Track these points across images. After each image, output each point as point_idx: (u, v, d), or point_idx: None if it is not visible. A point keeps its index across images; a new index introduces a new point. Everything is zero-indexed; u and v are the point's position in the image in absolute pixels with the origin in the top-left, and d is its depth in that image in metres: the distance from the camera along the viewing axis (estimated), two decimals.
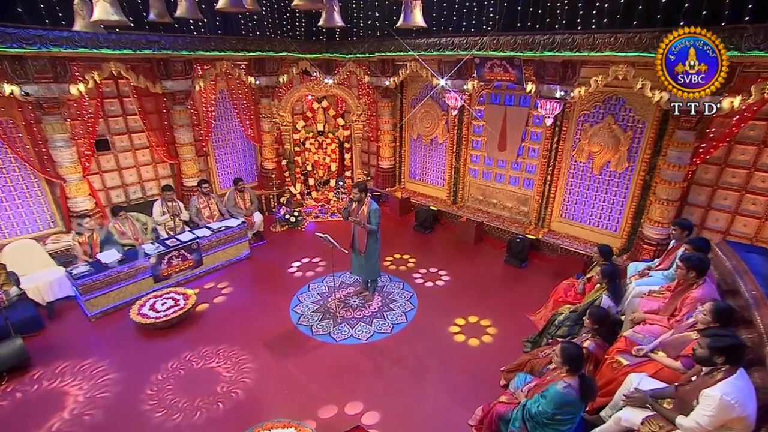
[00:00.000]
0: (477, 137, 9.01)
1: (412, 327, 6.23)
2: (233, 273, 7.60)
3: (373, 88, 9.81)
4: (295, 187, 9.59)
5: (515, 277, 7.54)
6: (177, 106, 8.36)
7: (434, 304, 6.75)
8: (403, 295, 6.96)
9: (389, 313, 6.51)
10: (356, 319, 6.37)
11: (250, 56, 8.87)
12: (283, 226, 9.11)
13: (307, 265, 7.85)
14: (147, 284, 6.76)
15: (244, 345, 5.82)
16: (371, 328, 6.17)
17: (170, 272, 7.00)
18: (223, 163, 9.69)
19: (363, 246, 6.34)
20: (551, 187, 8.14)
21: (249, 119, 9.62)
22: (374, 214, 6.19)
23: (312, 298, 6.90)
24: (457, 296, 6.97)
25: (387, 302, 6.78)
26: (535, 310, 6.49)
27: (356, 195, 6.19)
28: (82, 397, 4.95)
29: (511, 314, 6.48)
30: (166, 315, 6.05)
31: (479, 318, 6.40)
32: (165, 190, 7.72)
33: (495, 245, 8.53)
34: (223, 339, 5.93)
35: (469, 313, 6.52)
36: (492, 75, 7.75)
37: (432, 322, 6.33)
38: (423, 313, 6.54)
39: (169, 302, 6.31)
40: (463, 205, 9.55)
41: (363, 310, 6.59)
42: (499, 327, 6.21)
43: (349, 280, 7.41)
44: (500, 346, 5.84)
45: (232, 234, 7.72)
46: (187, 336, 6.01)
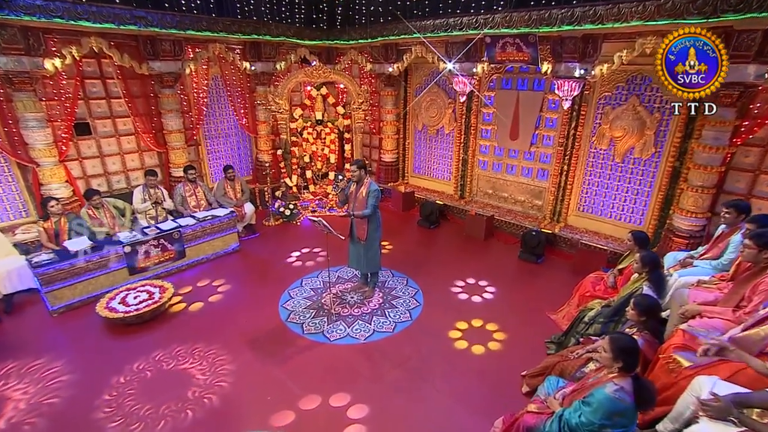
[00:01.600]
0: (487, 126, 8.19)
1: (418, 326, 5.33)
2: (220, 267, 6.72)
3: (376, 76, 9.03)
4: (291, 179, 8.74)
5: (531, 273, 6.64)
6: (165, 90, 7.58)
7: (443, 301, 5.85)
8: (407, 291, 6.07)
9: (391, 311, 5.61)
10: (354, 317, 5.47)
11: (245, 39, 8.11)
12: (277, 220, 8.25)
13: (308, 255, 6.97)
14: (121, 276, 5.89)
15: (225, 344, 4.92)
16: (370, 327, 5.27)
17: (148, 264, 6.13)
18: (216, 154, 8.87)
19: (363, 233, 5.48)
20: (568, 178, 7.29)
21: (244, 108, 8.83)
22: (372, 195, 5.34)
23: (304, 294, 6.01)
24: (468, 288, 6.08)
25: (389, 299, 5.89)
26: (556, 308, 5.60)
27: (355, 173, 5.35)
28: (24, 403, 4.05)
29: (529, 313, 5.59)
30: (138, 309, 5.16)
31: (495, 316, 5.50)
32: (148, 175, 6.87)
33: (507, 240, 7.65)
34: (201, 337, 5.04)
35: (483, 311, 5.63)
36: (504, 55, 6.95)
37: (440, 320, 5.43)
38: (430, 310, 5.64)
39: (143, 295, 5.43)
40: (471, 199, 8.68)
41: (362, 306, 5.70)
42: (516, 327, 5.31)
43: (347, 274, 6.53)
44: (519, 347, 4.94)
45: (220, 224, 6.86)
46: (160, 334, 5.12)
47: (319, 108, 8.67)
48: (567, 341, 4.75)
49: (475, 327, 5.30)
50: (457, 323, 5.36)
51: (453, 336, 5.13)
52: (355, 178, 5.37)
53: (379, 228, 5.62)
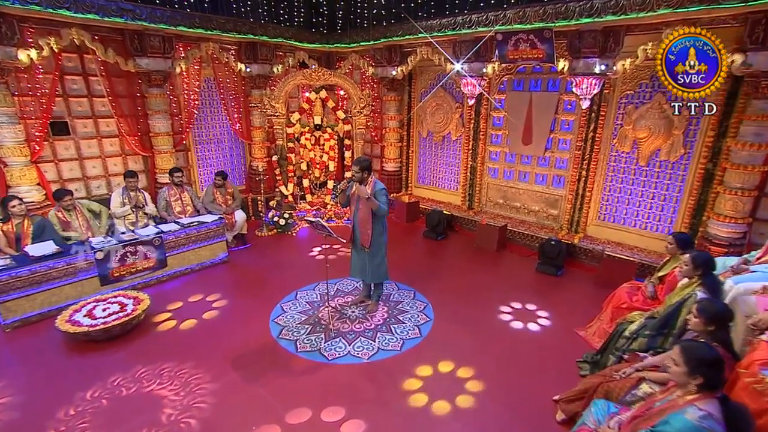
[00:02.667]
0: (497, 131, 7.67)
1: (428, 343, 4.64)
2: (205, 279, 6.03)
3: (378, 81, 8.56)
4: (287, 187, 8.13)
5: (552, 286, 5.99)
6: (153, 89, 7.06)
7: (457, 316, 5.18)
8: (414, 306, 5.40)
9: (398, 327, 4.93)
10: (355, 333, 4.79)
11: (240, 39, 7.66)
12: (270, 230, 7.61)
13: (296, 272, 6.29)
14: (91, 286, 5.20)
15: (204, 363, 4.22)
16: (374, 345, 4.59)
17: (123, 272, 5.45)
18: (206, 161, 8.29)
19: (367, 239, 4.85)
20: (587, 185, 6.72)
21: (237, 112, 8.30)
22: (381, 194, 4.75)
23: (299, 308, 5.33)
24: (484, 304, 5.41)
25: (394, 313, 5.21)
26: (584, 324, 4.93)
27: (357, 174, 4.75)
28: None
29: (554, 329, 4.92)
30: (105, 323, 4.46)
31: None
32: (127, 176, 6.24)
33: (521, 252, 7.02)
34: (176, 355, 4.34)
35: (502, 325, 4.96)
36: (517, 53, 6.48)
37: (455, 336, 4.76)
38: (444, 326, 4.96)
39: (114, 307, 4.74)
40: (480, 210, 8.08)
41: (364, 322, 5.02)
42: (543, 343, 4.63)
43: (347, 287, 5.86)
44: (547, 368, 4.26)
45: (207, 231, 6.21)
46: (128, 352, 4.41)
47: (318, 112, 8.15)
48: (604, 360, 4.08)
49: None
50: (476, 338, 4.69)
51: (472, 354, 4.44)
52: (357, 178, 4.78)
53: (385, 233, 5.01)
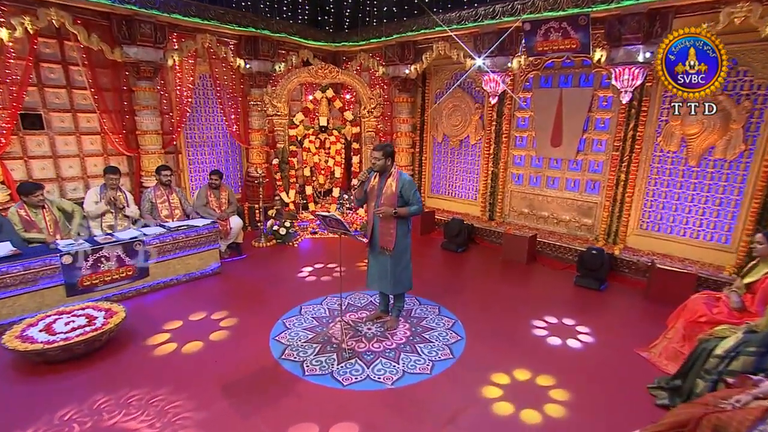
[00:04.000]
0: (522, 133, 7.06)
1: (463, 365, 3.85)
2: (194, 292, 5.23)
3: (389, 81, 7.99)
4: (288, 194, 7.41)
5: (596, 302, 5.23)
6: (142, 82, 6.41)
7: (491, 334, 4.40)
8: (441, 322, 4.61)
9: (425, 346, 4.14)
10: (374, 354, 3.99)
11: (240, 32, 7.10)
12: (269, 240, 6.84)
13: (300, 284, 5.50)
14: (54, 297, 4.39)
15: (188, 388, 3.40)
16: (398, 367, 3.79)
17: (95, 281, 4.65)
18: (199, 165, 7.59)
19: (390, 241, 4.12)
20: (626, 190, 6.06)
21: (235, 113, 7.67)
22: (410, 187, 4.05)
23: (305, 324, 4.53)
24: (517, 320, 4.64)
25: (418, 331, 4.42)
26: (645, 344, 4.17)
27: (379, 161, 4.05)
28: None
29: (610, 349, 4.16)
30: (66, 339, 3.64)
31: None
32: (108, 172, 5.48)
33: (554, 265, 6.30)
34: (154, 379, 3.52)
35: (548, 344, 4.18)
36: (546, 44, 5.94)
37: (492, 357, 3.97)
38: (476, 345, 4.18)
39: (80, 321, 3.93)
40: (503, 221, 7.38)
41: (383, 340, 4.22)
42: (598, 368, 3.86)
43: (359, 301, 5.09)
44: (610, 396, 3.49)
45: (197, 237, 5.45)
46: (95, 375, 3.59)
47: (323, 113, 7.52)
48: (689, 385, 3.32)
49: None
50: (521, 361, 3.90)
51: (520, 377, 3.65)
52: (378, 167, 4.08)
53: (410, 234, 4.28)
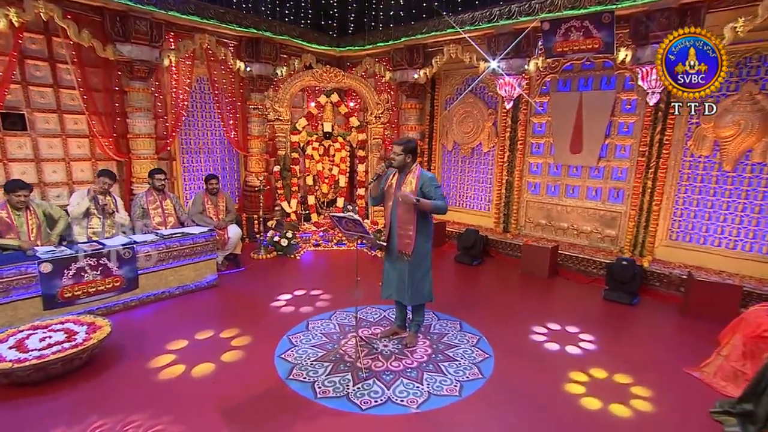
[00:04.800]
0: (538, 139, 6.78)
1: (495, 386, 3.43)
2: (188, 306, 4.78)
3: (396, 87, 7.73)
4: (290, 204, 7.01)
5: (630, 317, 4.85)
6: (135, 82, 6.10)
7: (522, 352, 4.00)
8: (465, 339, 4.20)
9: (449, 365, 3.72)
10: (393, 373, 3.57)
11: (241, 33, 6.85)
12: (269, 252, 6.42)
13: (304, 299, 5.07)
14: (30, 309, 3.93)
15: (182, 414, 2.96)
16: (423, 389, 3.36)
17: (78, 293, 4.20)
18: (193, 173, 7.22)
19: (410, 243, 3.74)
20: (653, 198, 5.75)
21: (234, 118, 7.35)
22: (431, 183, 3.69)
23: (313, 340, 4.10)
24: (556, 339, 4.25)
25: (440, 348, 4.01)
26: (695, 363, 3.78)
27: (398, 157, 3.71)
28: None
29: (655, 368, 3.78)
30: (41, 357, 3.19)
31: (609, 372, 3.66)
32: (102, 175, 5.01)
33: (578, 279, 5.93)
34: (144, 402, 3.07)
35: (587, 364, 3.78)
36: (567, 45, 5.74)
37: (526, 376, 3.57)
38: (507, 364, 3.77)
39: (57, 336, 3.48)
40: (518, 233, 7.02)
41: (403, 358, 3.80)
42: (648, 386, 3.47)
43: (373, 316, 4.67)
44: (670, 423, 3.08)
45: (192, 246, 5.03)
46: (74, 399, 3.13)
47: (328, 118, 7.20)
48: (764, 410, 2.92)
49: (581, 381, 3.49)
50: (558, 379, 3.51)
51: (567, 393, 3.24)
52: (398, 162, 3.73)
53: (431, 241, 3.91)
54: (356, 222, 3.43)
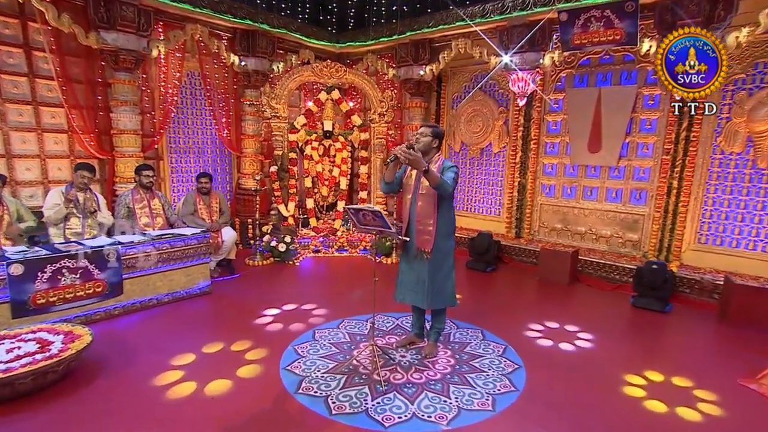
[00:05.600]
0: (553, 138, 6.58)
1: (531, 400, 3.11)
2: (179, 315, 4.39)
3: (399, 85, 7.51)
4: (288, 207, 6.67)
5: (665, 326, 4.56)
6: (121, 74, 5.78)
7: (555, 362, 3.69)
8: (489, 349, 3.89)
9: (477, 377, 3.40)
10: (415, 386, 3.23)
11: (235, 25, 6.62)
12: (266, 258, 6.06)
13: (308, 307, 4.71)
14: None
15: None
16: (451, 403, 3.03)
17: (53, 299, 3.80)
18: (182, 174, 6.87)
19: (429, 240, 3.45)
20: (679, 199, 5.53)
21: (227, 116, 7.06)
22: (450, 170, 3.38)
23: (321, 351, 3.75)
24: (590, 349, 3.96)
25: (464, 358, 3.69)
26: (750, 374, 3.50)
27: (424, 139, 3.42)
28: None
29: (709, 384, 3.46)
30: (7, 371, 2.81)
31: (666, 375, 3.40)
32: (80, 169, 4.66)
33: (601, 286, 5.67)
34: (134, 423, 2.69)
35: (638, 366, 3.50)
36: (586, 37, 5.56)
37: (564, 388, 3.27)
38: (540, 375, 3.46)
39: (28, 347, 3.09)
40: (532, 238, 6.76)
41: (424, 370, 3.47)
42: (711, 391, 3.20)
43: (386, 324, 4.34)
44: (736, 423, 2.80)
45: (184, 248, 4.66)
46: (48, 418, 2.74)
47: (328, 116, 6.91)
48: None
49: (639, 385, 3.15)
50: (611, 382, 3.23)
51: (624, 395, 2.92)
52: (422, 145, 3.41)
53: (453, 236, 3.61)
54: (377, 214, 3.12)
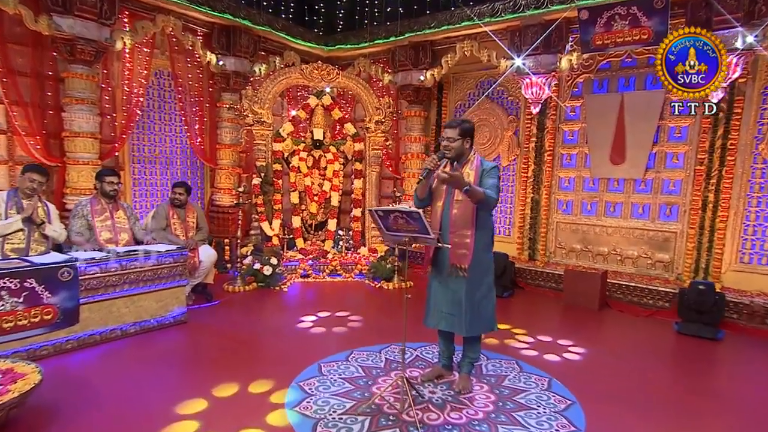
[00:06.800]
0: (570, 149, 6.49)
1: None
2: (149, 349, 3.88)
3: (396, 92, 7.35)
4: (272, 225, 6.24)
5: (722, 357, 4.39)
6: (77, 67, 5.37)
7: (613, 397, 3.37)
8: (531, 381, 3.55)
9: (526, 415, 3.04)
10: (456, 427, 2.86)
11: (213, 19, 6.40)
12: (248, 284, 5.59)
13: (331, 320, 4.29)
14: None
15: None
16: None
17: None
18: (146, 188, 6.45)
19: (466, 255, 3.15)
20: (717, 213, 5.43)
21: (200, 122, 6.74)
22: (491, 174, 3.15)
23: (333, 387, 3.32)
24: (638, 380, 3.68)
25: (505, 394, 3.33)
26: None
27: (453, 144, 3.17)
28: None
29: None
30: None
31: None
32: (29, 171, 4.15)
33: (635, 312, 5.45)
34: None
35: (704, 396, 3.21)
36: (608, 37, 5.56)
37: (633, 427, 2.94)
38: (601, 411, 3.13)
39: None
40: (548, 260, 6.54)
41: (462, 408, 3.09)
42: None
43: (407, 353, 3.91)
44: None
45: (156, 268, 4.19)
46: None
47: (318, 124, 6.60)
48: None
49: None
50: None
51: None
52: (454, 152, 3.18)
53: (491, 247, 3.32)
54: (413, 216, 2.79)
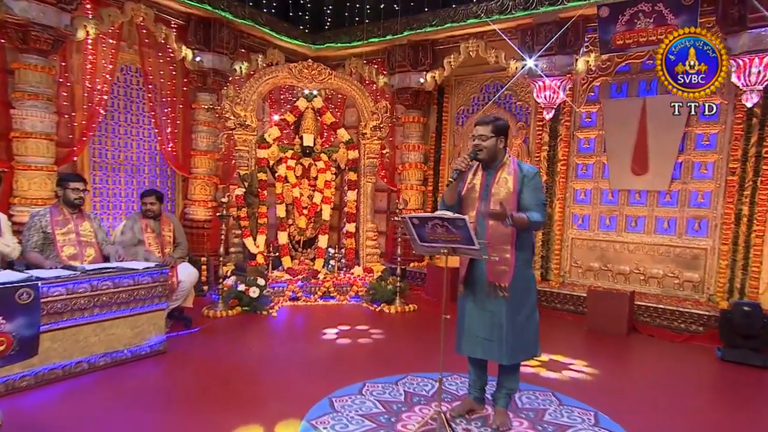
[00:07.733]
0: (586, 159, 6.47)
1: None
2: (123, 386, 3.51)
3: (392, 96, 7.26)
4: (256, 241, 5.91)
5: None
6: (30, 57, 5.09)
7: (667, 428, 3.24)
8: (575, 415, 3.33)
9: None
10: None
11: (190, 10, 6.22)
12: (231, 308, 5.23)
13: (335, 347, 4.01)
14: None
15: None
16: None
17: None
18: (108, 199, 6.14)
19: (505, 273, 2.93)
20: (751, 228, 5.42)
21: (172, 126, 6.48)
22: (533, 183, 2.98)
23: (353, 426, 3.03)
24: (687, 413, 3.55)
25: (549, 430, 3.09)
26: None
27: (485, 143, 2.95)
28: None
29: None
30: None
31: None
32: None
33: (668, 337, 5.34)
34: None
35: None
36: (630, 36, 5.64)
37: None
38: None
39: None
40: (563, 281, 6.43)
41: None
42: None
43: (424, 387, 3.67)
44: None
45: (131, 289, 3.82)
46: None
47: (308, 129, 6.34)
48: None
49: None
50: None
51: None
52: (486, 152, 2.96)
53: (532, 262, 3.13)
54: (456, 225, 2.55)
